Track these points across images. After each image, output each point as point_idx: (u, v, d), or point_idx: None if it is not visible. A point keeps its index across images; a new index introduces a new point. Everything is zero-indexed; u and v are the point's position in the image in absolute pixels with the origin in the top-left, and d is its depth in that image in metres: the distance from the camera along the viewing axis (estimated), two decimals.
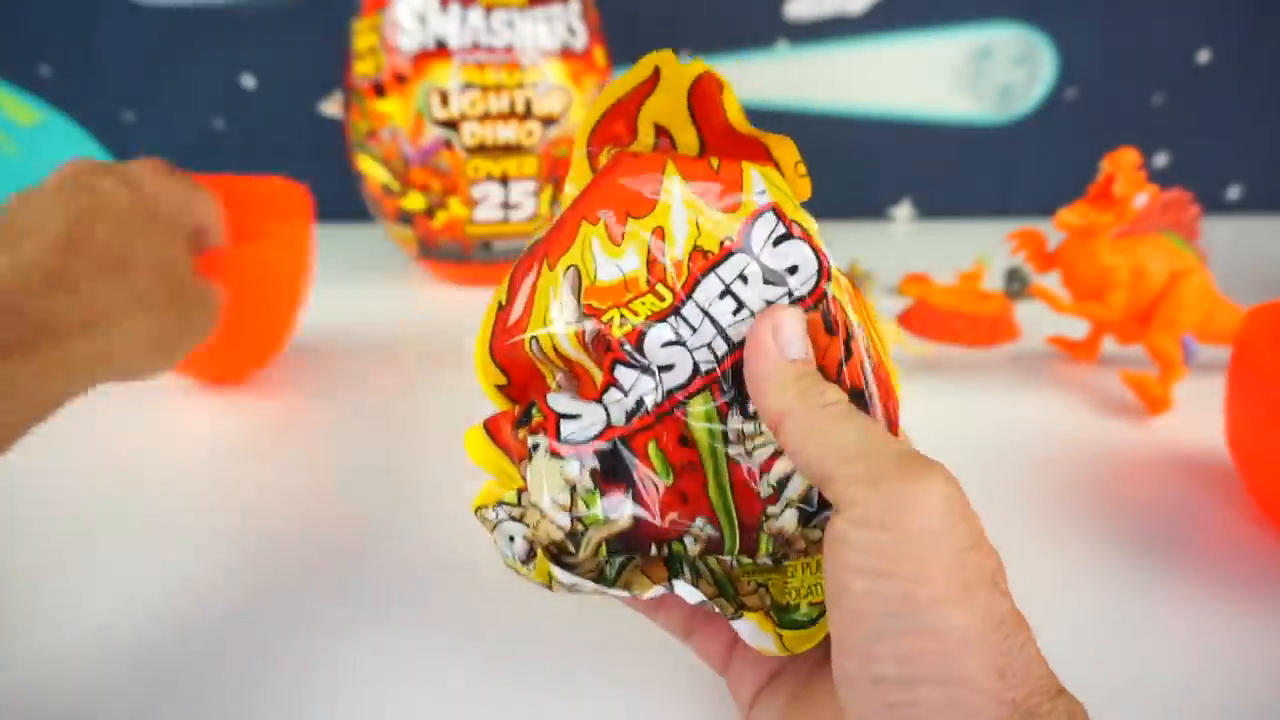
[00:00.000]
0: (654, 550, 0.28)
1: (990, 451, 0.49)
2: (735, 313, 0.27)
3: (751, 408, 0.27)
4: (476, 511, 0.29)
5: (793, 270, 0.27)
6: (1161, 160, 0.92)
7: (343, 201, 0.83)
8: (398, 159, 0.65)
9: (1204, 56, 0.89)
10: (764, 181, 0.27)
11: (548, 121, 0.65)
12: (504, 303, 0.29)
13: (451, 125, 0.64)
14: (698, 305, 0.27)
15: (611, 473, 0.27)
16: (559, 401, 0.28)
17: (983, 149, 0.93)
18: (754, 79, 0.89)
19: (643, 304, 0.27)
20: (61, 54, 0.88)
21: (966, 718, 0.21)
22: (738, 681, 0.29)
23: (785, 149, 0.28)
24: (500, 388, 0.30)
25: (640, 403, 0.27)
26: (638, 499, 0.27)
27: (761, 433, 0.27)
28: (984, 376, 0.58)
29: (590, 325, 0.27)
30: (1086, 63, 0.89)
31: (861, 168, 0.93)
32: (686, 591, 0.26)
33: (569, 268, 0.28)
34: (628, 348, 0.27)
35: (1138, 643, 0.35)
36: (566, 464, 0.27)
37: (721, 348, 0.27)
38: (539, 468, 0.27)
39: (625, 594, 0.27)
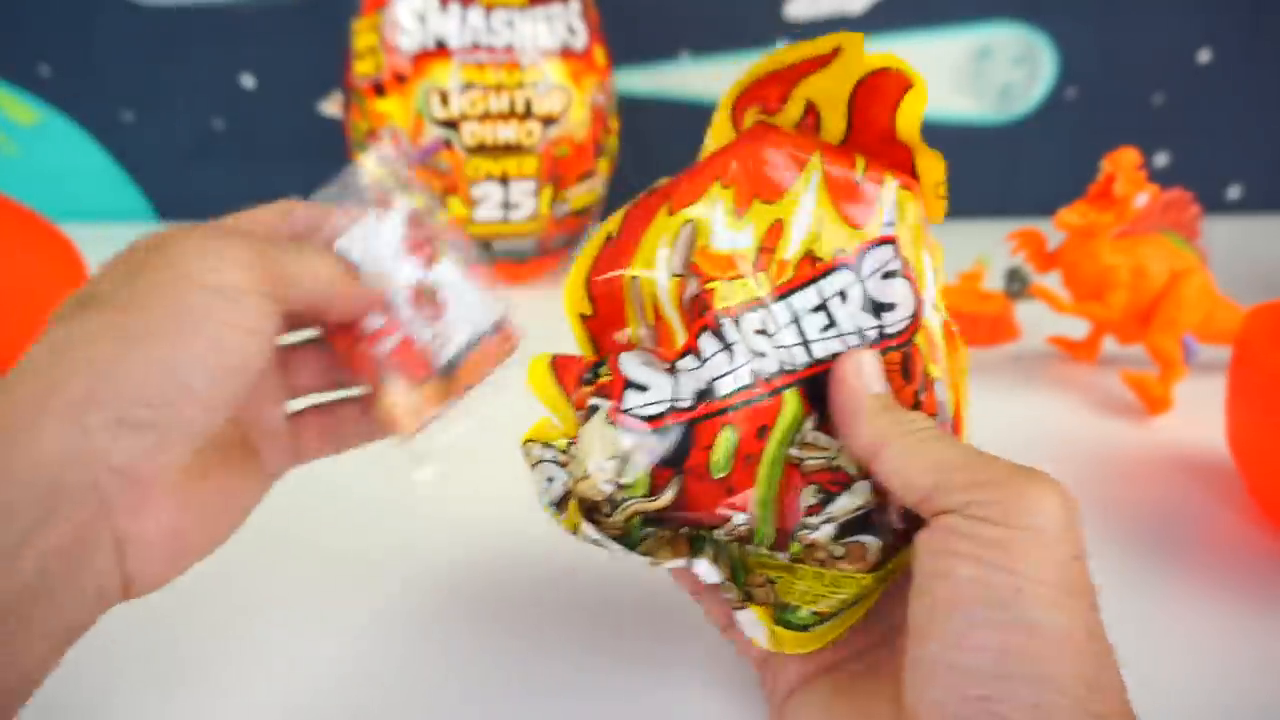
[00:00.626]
0: (686, 530, 0.28)
1: (990, 451, 0.49)
2: (825, 329, 0.27)
3: (820, 424, 0.27)
4: (524, 444, 0.28)
5: (890, 308, 0.27)
6: (1161, 160, 0.92)
7: None
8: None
9: (1204, 56, 0.89)
10: (896, 210, 0.27)
11: (548, 121, 0.65)
12: (614, 234, 0.29)
13: (451, 125, 0.64)
14: (791, 309, 0.27)
15: (665, 455, 0.26)
16: (631, 365, 0.27)
17: (983, 149, 0.92)
18: None
19: (746, 285, 0.27)
20: (61, 54, 0.88)
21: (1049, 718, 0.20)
22: (774, 677, 0.29)
23: (932, 166, 0.28)
24: (584, 318, 0.29)
25: (727, 377, 0.26)
26: (682, 486, 0.27)
27: (824, 447, 0.27)
28: (984, 376, 0.58)
29: (695, 283, 0.27)
30: (1086, 63, 0.89)
31: None
32: (705, 570, 0.27)
33: (688, 221, 0.27)
34: (725, 320, 0.26)
35: (1137, 642, 0.35)
36: (621, 435, 0.26)
37: (801, 358, 0.27)
38: (594, 430, 0.27)
39: (645, 559, 0.27)
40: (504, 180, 0.66)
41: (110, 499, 0.22)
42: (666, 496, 0.27)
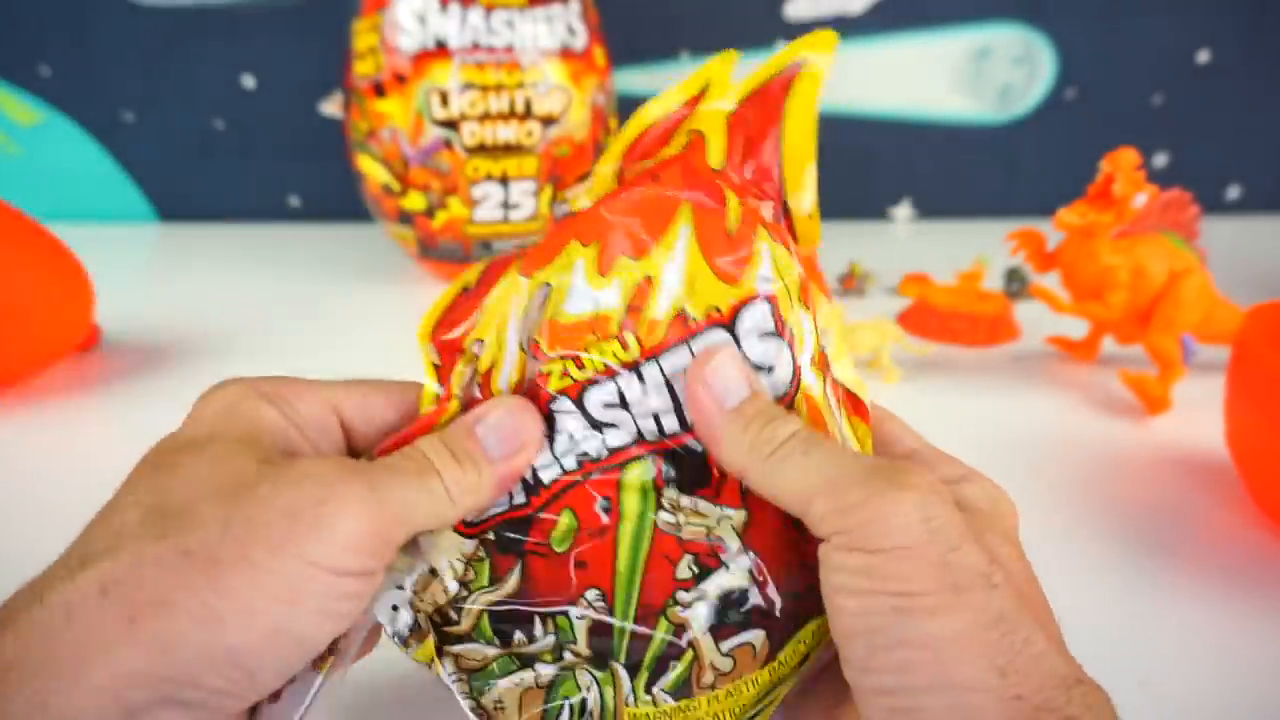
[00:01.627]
0: (539, 628, 0.26)
1: (990, 452, 0.49)
2: None
3: (694, 488, 0.25)
4: None
5: (767, 370, 0.25)
6: (1161, 160, 0.92)
7: (343, 201, 0.83)
8: (398, 159, 0.65)
9: (1204, 56, 0.89)
10: (773, 266, 0.26)
11: (548, 121, 0.65)
12: (469, 287, 0.27)
13: (451, 125, 0.64)
14: (661, 371, 0.25)
15: (503, 545, 0.26)
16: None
17: (983, 149, 0.93)
18: None
19: (601, 351, 0.25)
20: (61, 54, 0.88)
21: (971, 717, 0.21)
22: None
23: (803, 190, 0.28)
24: (435, 366, 0.28)
25: (551, 465, 0.25)
26: (525, 568, 0.25)
27: (703, 514, 0.25)
28: (984, 376, 0.58)
29: (533, 365, 0.25)
30: (1086, 63, 0.89)
31: (861, 168, 0.93)
32: None
33: (543, 285, 0.26)
34: (559, 404, 0.25)
35: (1136, 642, 0.35)
36: (466, 542, 0.26)
37: (671, 425, 0.25)
38: (443, 538, 0.26)
39: (489, 714, 0.25)
40: (504, 180, 0.66)
41: None
42: (511, 582, 0.25)
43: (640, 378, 0.25)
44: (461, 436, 0.24)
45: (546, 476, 0.25)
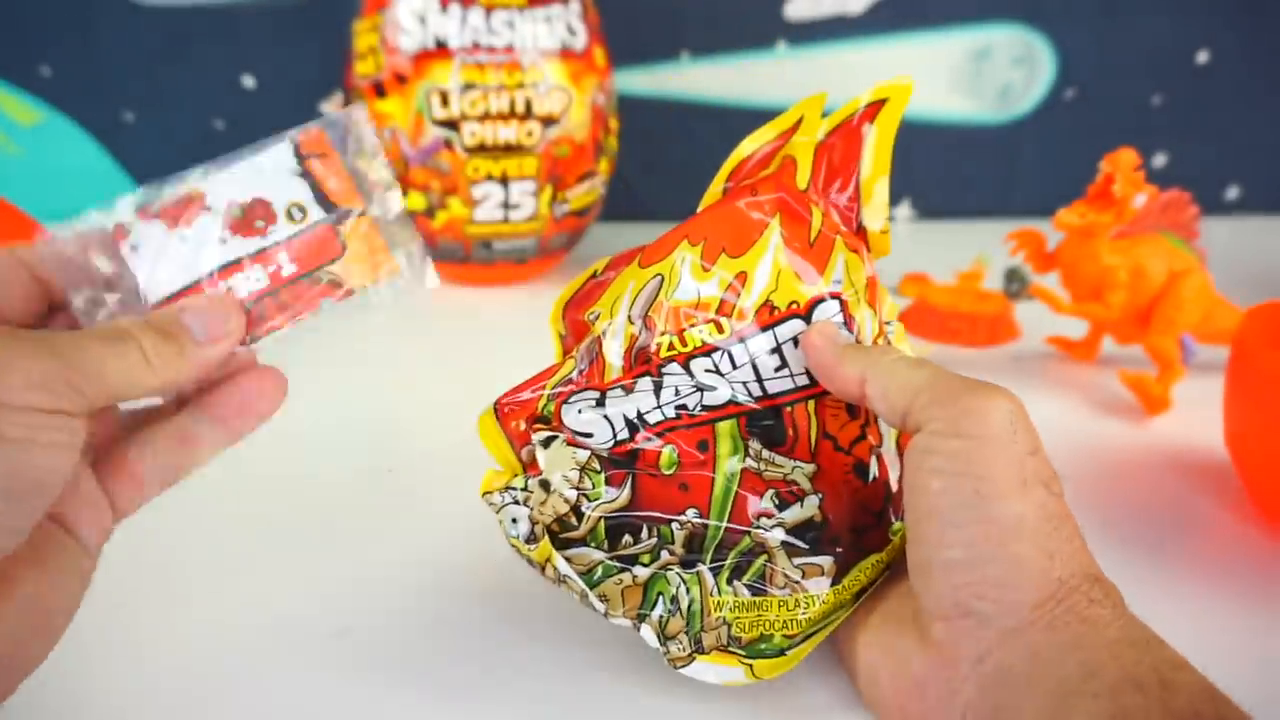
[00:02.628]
0: (645, 534, 0.31)
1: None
2: (778, 369, 0.30)
3: (773, 446, 0.31)
4: (483, 495, 0.32)
5: None
6: (1160, 161, 0.92)
7: None
8: (398, 159, 0.65)
9: (1203, 57, 0.89)
10: (845, 271, 0.31)
11: (548, 121, 0.65)
12: (598, 274, 0.34)
13: (451, 125, 0.64)
14: (748, 351, 0.30)
15: (616, 463, 0.31)
16: (571, 417, 0.31)
17: (982, 149, 0.93)
18: (754, 79, 0.89)
19: (700, 332, 0.30)
20: (61, 54, 0.88)
21: (1020, 592, 0.25)
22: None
23: (878, 209, 0.33)
24: (562, 336, 0.35)
25: (654, 410, 0.31)
26: (636, 482, 0.31)
27: (779, 464, 0.31)
28: (984, 376, 0.58)
29: (646, 335, 0.31)
30: (1086, 63, 0.89)
31: None
32: (648, 635, 0.30)
33: (656, 275, 0.31)
34: (669, 366, 0.30)
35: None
36: (579, 452, 0.31)
37: (756, 392, 0.31)
38: (555, 451, 0.31)
39: (600, 606, 0.30)
40: (504, 180, 0.66)
41: None
42: (624, 493, 0.31)
43: (730, 356, 0.30)
44: (169, 317, 0.26)
45: (651, 419, 0.31)
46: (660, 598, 0.30)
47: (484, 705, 0.31)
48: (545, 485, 0.31)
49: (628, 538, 0.31)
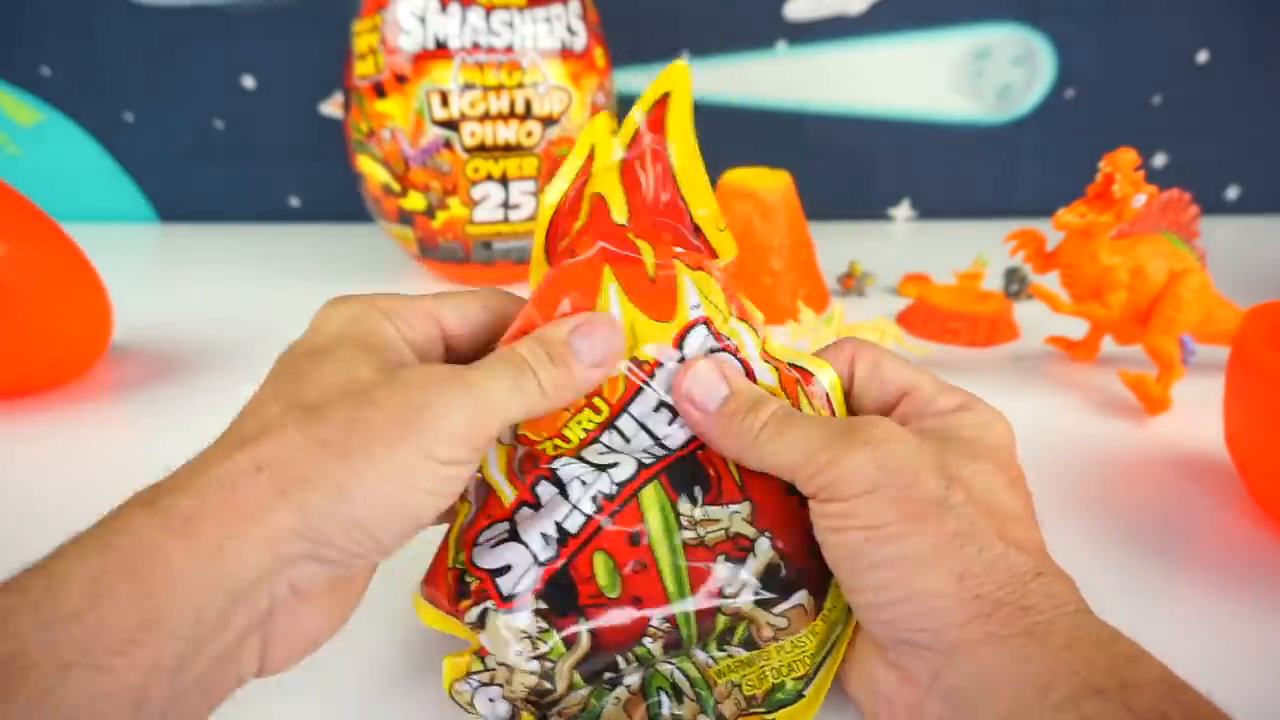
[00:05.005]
0: (622, 662, 0.28)
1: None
2: (670, 423, 0.29)
3: (698, 493, 0.28)
4: (450, 689, 0.29)
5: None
6: (1160, 160, 0.92)
7: (343, 201, 0.83)
8: (398, 159, 0.65)
9: (1203, 56, 0.89)
10: (697, 293, 0.29)
11: (548, 121, 0.65)
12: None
13: (451, 125, 0.64)
14: (633, 418, 0.28)
15: (559, 606, 0.28)
16: (484, 556, 0.28)
17: (982, 149, 0.93)
18: (754, 79, 0.89)
19: (578, 424, 0.28)
20: (61, 54, 0.88)
21: (938, 620, 0.25)
22: None
23: (707, 205, 0.30)
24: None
25: (571, 513, 0.28)
26: (589, 623, 0.28)
27: (715, 519, 0.28)
28: (984, 376, 0.58)
29: (522, 450, 0.29)
30: (1086, 63, 0.89)
31: (861, 168, 0.93)
32: None
33: None
34: (560, 462, 0.28)
35: (1136, 642, 0.35)
36: (516, 616, 0.27)
37: (660, 453, 0.29)
38: (494, 629, 0.28)
39: None
40: (504, 180, 0.66)
41: (275, 612, 0.24)
42: (584, 640, 0.28)
43: (619, 431, 0.28)
44: (558, 341, 0.27)
45: (572, 525, 0.28)
46: (661, 692, 0.28)
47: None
48: (507, 666, 0.28)
49: (608, 674, 0.28)
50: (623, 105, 0.75)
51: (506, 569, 0.28)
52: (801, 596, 0.29)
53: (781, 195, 0.64)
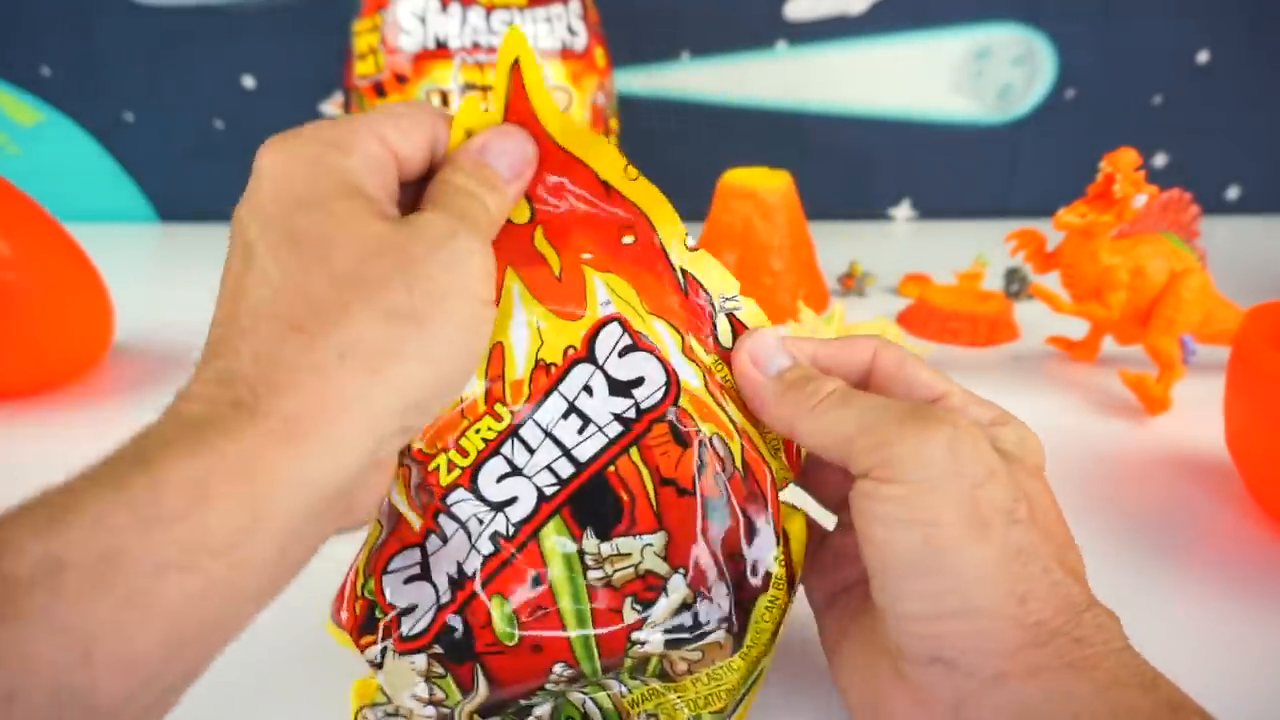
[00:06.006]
0: (525, 700, 0.27)
1: None
2: (581, 430, 0.26)
3: (606, 525, 0.26)
4: (355, 716, 0.28)
5: (638, 383, 0.26)
6: (1161, 160, 0.92)
7: None
8: None
9: (1204, 56, 0.89)
10: (608, 290, 0.27)
11: None
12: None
13: None
14: (539, 425, 0.26)
15: (454, 652, 0.26)
16: (394, 588, 0.27)
17: (982, 149, 0.93)
18: (754, 79, 0.89)
19: (477, 432, 0.26)
20: (61, 54, 0.88)
21: (992, 642, 0.23)
22: (812, 583, 0.30)
23: (605, 157, 0.27)
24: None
25: (471, 554, 0.26)
26: (486, 669, 0.26)
27: (625, 553, 0.26)
28: (984, 376, 0.58)
29: (417, 470, 0.26)
30: (1086, 63, 0.89)
31: (861, 168, 0.93)
32: None
33: None
34: (454, 496, 0.26)
35: (1136, 642, 0.35)
36: (414, 659, 0.26)
37: (567, 470, 0.26)
38: (391, 670, 0.26)
39: None
40: None
41: (363, 488, 0.24)
42: (481, 688, 0.26)
43: (522, 440, 0.26)
44: (480, 166, 0.26)
45: (469, 567, 0.26)
46: (564, 713, 0.27)
47: None
48: (402, 714, 0.27)
49: (512, 710, 0.27)
50: (623, 105, 0.75)
51: (412, 609, 0.26)
52: (718, 635, 0.26)
53: (781, 195, 0.64)
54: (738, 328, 0.29)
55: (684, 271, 0.28)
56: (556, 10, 0.65)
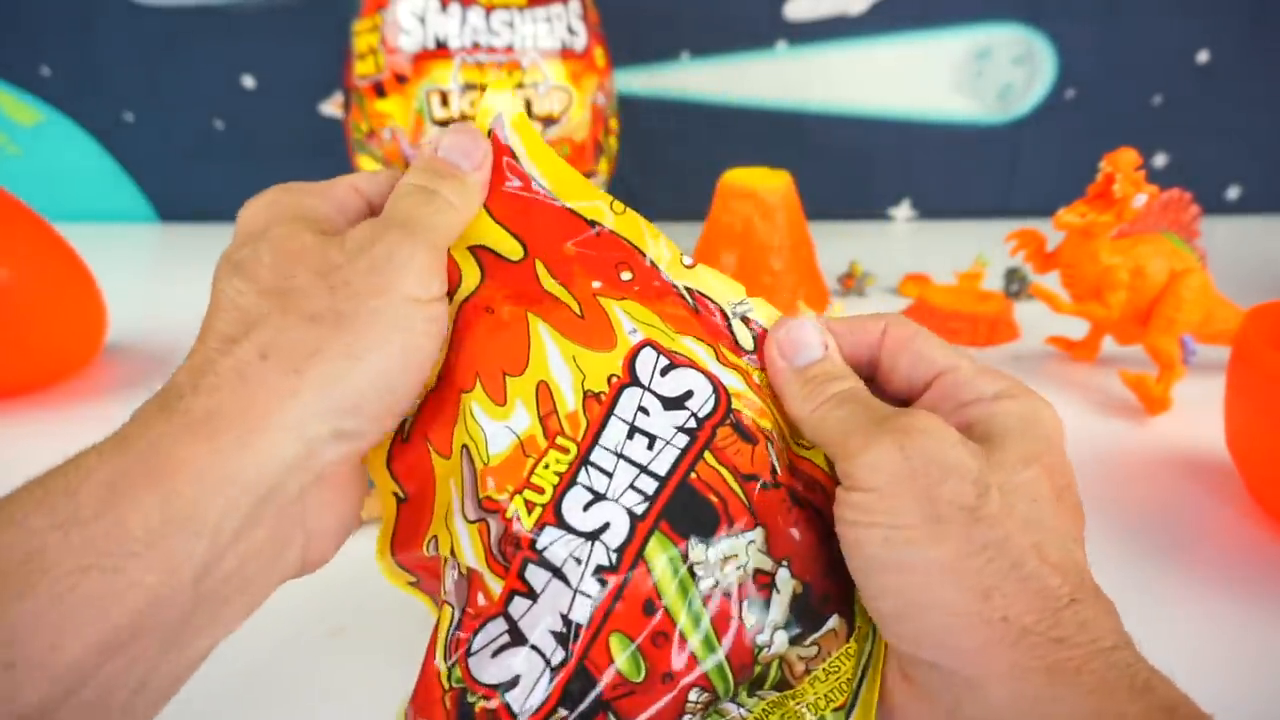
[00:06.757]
0: None
1: None
2: (650, 447, 0.25)
3: (706, 529, 0.25)
4: None
5: (688, 395, 0.26)
6: (1161, 160, 0.92)
7: None
8: (398, 159, 0.65)
9: (1204, 56, 0.89)
10: (630, 319, 0.27)
11: (548, 121, 0.65)
12: (400, 495, 0.28)
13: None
14: (607, 449, 0.25)
15: (585, 712, 0.24)
16: (487, 669, 0.24)
17: (982, 149, 0.93)
18: (754, 79, 0.89)
19: (546, 467, 0.25)
20: (61, 54, 0.88)
21: (959, 639, 0.23)
22: None
23: (585, 198, 0.28)
24: (412, 583, 0.29)
25: (576, 599, 0.24)
26: (619, 715, 0.24)
27: (727, 555, 0.25)
28: None
29: (496, 522, 0.25)
30: (1086, 63, 0.89)
31: (861, 168, 0.93)
32: None
33: (461, 447, 0.26)
34: (545, 538, 0.24)
35: (1136, 641, 0.35)
36: None
37: (650, 485, 0.25)
38: None
39: None
40: None
41: (309, 501, 0.24)
42: None
43: (596, 466, 0.25)
44: (436, 162, 0.27)
45: (578, 615, 0.24)
46: None
47: None
48: None
49: None
50: (623, 105, 0.75)
51: (515, 681, 0.24)
52: (833, 621, 0.26)
53: (781, 195, 0.64)
54: (759, 334, 0.29)
55: (688, 289, 0.29)
56: (556, 10, 0.65)
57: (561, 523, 0.25)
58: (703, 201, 0.66)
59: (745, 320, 0.29)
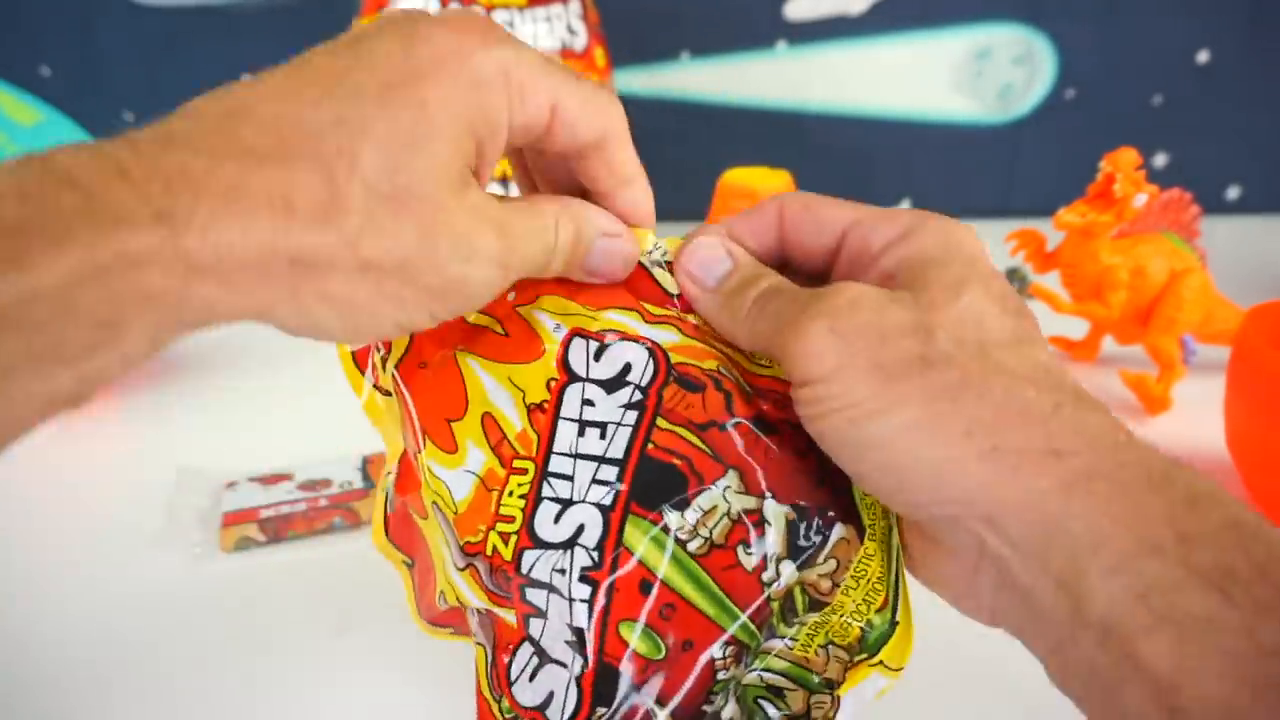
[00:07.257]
0: (709, 708, 0.25)
1: None
2: (603, 436, 0.26)
3: (677, 496, 0.25)
4: None
5: (626, 370, 0.26)
6: (1161, 160, 0.92)
7: None
8: None
9: (1204, 56, 0.89)
10: (550, 316, 0.27)
11: None
12: (409, 561, 0.29)
13: None
14: (563, 454, 0.26)
15: (618, 703, 0.24)
16: (526, 693, 0.25)
17: (982, 149, 0.93)
18: (754, 79, 0.89)
19: (510, 494, 0.26)
20: (61, 54, 0.88)
21: (959, 484, 0.22)
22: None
23: None
24: (454, 632, 0.30)
25: (573, 606, 0.25)
26: (651, 693, 0.24)
27: (709, 508, 0.25)
28: None
29: (482, 563, 0.26)
30: (1086, 63, 0.89)
31: (861, 167, 0.93)
32: None
33: (432, 504, 0.27)
34: (526, 560, 0.25)
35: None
36: None
37: (611, 473, 0.25)
38: None
39: None
40: (504, 181, 0.66)
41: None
42: (659, 716, 0.25)
43: (556, 474, 0.25)
44: (586, 238, 0.27)
45: (581, 619, 0.24)
46: (761, 703, 0.26)
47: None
48: None
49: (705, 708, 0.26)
50: (623, 105, 0.75)
51: (550, 698, 0.25)
52: (839, 531, 0.26)
53: None
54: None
55: None
56: (556, 10, 0.65)
57: (537, 542, 0.25)
58: (703, 201, 0.66)
59: (665, 266, 0.28)
